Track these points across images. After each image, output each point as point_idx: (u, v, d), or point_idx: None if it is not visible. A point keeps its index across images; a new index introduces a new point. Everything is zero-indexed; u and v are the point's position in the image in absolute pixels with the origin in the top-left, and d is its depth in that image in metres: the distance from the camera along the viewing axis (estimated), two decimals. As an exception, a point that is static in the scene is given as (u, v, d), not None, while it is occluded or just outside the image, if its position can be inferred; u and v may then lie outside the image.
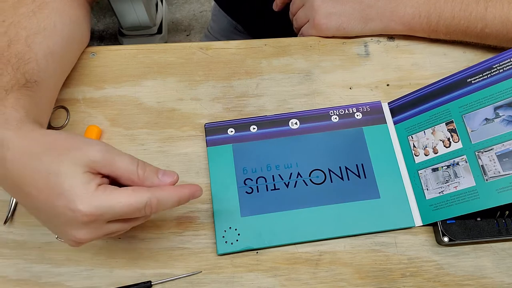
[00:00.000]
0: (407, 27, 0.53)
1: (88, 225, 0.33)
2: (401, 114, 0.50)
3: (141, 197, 0.34)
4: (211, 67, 0.54)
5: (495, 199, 0.42)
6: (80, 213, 0.32)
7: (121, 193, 0.33)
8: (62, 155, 0.33)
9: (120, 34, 1.42)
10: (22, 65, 0.40)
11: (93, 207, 0.32)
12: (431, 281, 0.44)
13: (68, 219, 0.32)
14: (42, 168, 0.32)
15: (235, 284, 0.44)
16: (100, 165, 0.33)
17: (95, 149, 0.34)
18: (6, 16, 0.42)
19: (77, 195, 0.32)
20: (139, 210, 0.34)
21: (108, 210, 0.32)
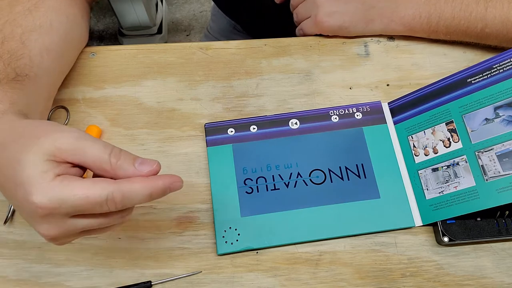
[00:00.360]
0: (408, 27, 0.53)
1: (47, 219, 0.30)
2: (401, 114, 0.50)
3: (102, 189, 0.30)
4: (211, 67, 0.54)
5: (495, 199, 0.42)
6: (35, 205, 0.29)
7: (78, 184, 0.30)
8: (29, 143, 0.31)
9: (120, 34, 1.42)
10: (14, 61, 0.40)
11: (47, 198, 0.29)
12: (431, 281, 0.44)
13: (28, 212, 0.31)
14: (9, 156, 0.31)
15: (235, 284, 0.44)
16: (68, 153, 0.31)
17: (65, 136, 0.31)
18: (2, 14, 0.42)
19: (33, 186, 0.29)
20: (99, 205, 0.30)
21: (62, 203, 0.30)
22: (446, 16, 0.51)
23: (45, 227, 0.31)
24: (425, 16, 0.51)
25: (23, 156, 0.30)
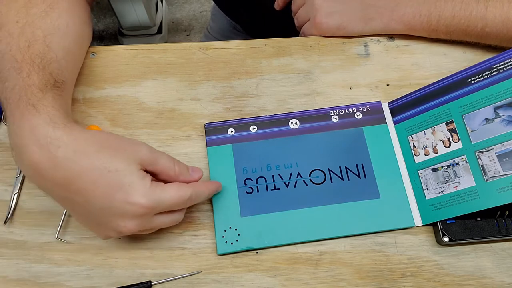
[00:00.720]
0: (407, 26, 0.53)
1: (142, 217, 0.36)
2: (401, 114, 0.50)
3: (186, 191, 0.38)
4: (211, 67, 0.54)
5: (495, 199, 0.42)
6: (139, 205, 0.35)
7: (170, 188, 0.37)
8: (118, 153, 0.36)
9: (120, 34, 1.42)
10: (47, 65, 0.41)
11: (151, 200, 0.36)
12: (431, 281, 0.44)
13: (123, 212, 0.35)
14: (100, 165, 0.35)
15: (235, 284, 0.44)
16: (147, 163, 0.37)
17: (143, 148, 0.38)
18: (19, 16, 0.42)
19: (136, 190, 0.35)
20: (184, 202, 0.38)
21: (161, 203, 0.36)
22: (446, 15, 0.51)
23: (135, 223, 0.36)
24: (425, 15, 0.51)
25: (118, 165, 0.35)
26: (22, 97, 0.38)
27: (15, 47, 0.40)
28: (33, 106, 0.37)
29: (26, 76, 0.39)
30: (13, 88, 0.38)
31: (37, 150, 0.35)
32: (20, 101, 0.37)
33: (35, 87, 0.38)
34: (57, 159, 0.35)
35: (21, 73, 0.39)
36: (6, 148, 0.49)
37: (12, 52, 0.40)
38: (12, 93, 0.38)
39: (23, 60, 0.40)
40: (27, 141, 0.35)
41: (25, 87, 0.38)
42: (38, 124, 0.36)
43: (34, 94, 0.38)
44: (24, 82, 0.38)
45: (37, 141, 0.35)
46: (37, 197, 0.47)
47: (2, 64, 0.40)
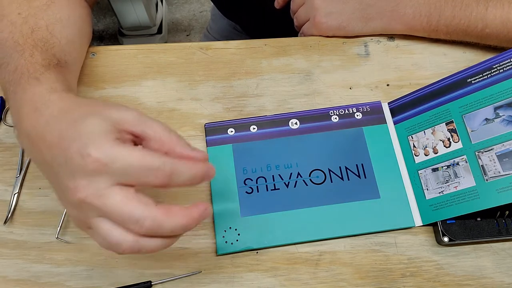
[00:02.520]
0: (407, 26, 0.53)
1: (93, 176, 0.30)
2: (401, 114, 0.50)
3: (156, 158, 0.30)
4: (211, 67, 0.54)
5: (495, 199, 0.42)
6: (90, 158, 0.29)
7: (136, 149, 0.31)
8: (95, 111, 0.32)
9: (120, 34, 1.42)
10: (50, 48, 0.41)
11: (103, 153, 0.29)
12: (431, 281, 0.44)
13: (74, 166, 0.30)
14: (72, 118, 0.32)
15: (235, 284, 0.44)
16: (131, 124, 0.32)
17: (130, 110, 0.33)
18: (22, 9, 0.42)
19: (91, 140, 0.30)
20: (150, 171, 0.30)
21: (116, 160, 0.29)
22: (446, 15, 0.51)
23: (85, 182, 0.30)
24: (425, 15, 0.51)
25: (88, 118, 0.31)
26: (24, 73, 0.37)
27: (18, 34, 0.41)
28: (36, 78, 0.37)
29: (29, 56, 0.39)
30: (15, 69, 0.38)
31: (32, 114, 0.34)
32: (22, 77, 0.37)
33: (37, 64, 0.38)
34: (42, 118, 0.33)
35: (24, 54, 0.39)
36: (6, 148, 0.49)
37: (14, 38, 0.40)
38: (14, 73, 0.38)
39: (26, 43, 0.40)
40: (27, 109, 0.34)
41: (27, 65, 0.38)
42: (38, 92, 0.35)
43: (36, 69, 0.38)
44: (27, 61, 0.38)
45: (35, 107, 0.34)
46: (37, 197, 0.47)
47: (4, 51, 0.40)
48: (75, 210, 0.31)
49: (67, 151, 0.30)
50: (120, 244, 0.31)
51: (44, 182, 0.47)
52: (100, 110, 0.32)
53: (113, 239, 0.31)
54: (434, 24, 0.52)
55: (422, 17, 0.52)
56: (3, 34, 0.41)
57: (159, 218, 0.30)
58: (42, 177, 0.47)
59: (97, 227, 0.31)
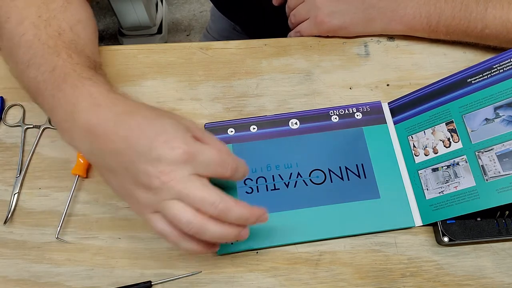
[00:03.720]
0: (408, 27, 0.53)
1: (179, 164, 0.34)
2: (401, 114, 0.50)
3: (228, 156, 0.37)
4: (211, 67, 0.54)
5: (495, 199, 0.42)
6: (179, 148, 0.34)
7: (213, 148, 0.36)
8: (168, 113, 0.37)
9: (120, 34, 1.42)
10: (82, 50, 0.42)
11: (190, 145, 0.34)
12: (431, 281, 0.44)
13: (161, 154, 0.34)
14: (147, 116, 0.35)
15: (235, 284, 0.44)
16: (195, 130, 0.37)
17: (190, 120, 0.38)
18: (41, 12, 0.43)
19: (179, 135, 0.34)
20: (224, 165, 0.36)
21: (201, 153, 0.34)
22: (446, 16, 0.51)
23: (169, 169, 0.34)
24: (425, 16, 0.51)
25: (165, 118, 0.36)
26: (69, 73, 0.38)
27: (45, 36, 0.41)
28: (89, 78, 0.38)
29: (67, 57, 0.39)
30: (53, 69, 0.39)
31: (96, 109, 0.36)
32: (67, 76, 0.38)
33: (81, 65, 0.39)
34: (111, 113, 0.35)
35: (60, 55, 0.40)
36: (6, 148, 0.49)
37: (42, 41, 0.40)
38: (52, 74, 0.38)
39: (57, 45, 0.40)
40: (86, 104, 0.36)
41: (69, 66, 0.39)
42: (97, 91, 0.37)
43: (84, 70, 0.39)
44: (67, 62, 0.39)
45: (96, 103, 0.36)
46: (37, 197, 0.47)
47: (31, 53, 0.40)
48: (149, 193, 0.34)
49: (153, 142, 0.34)
50: (191, 221, 0.34)
51: (44, 182, 0.47)
52: (170, 114, 0.37)
53: (185, 217, 0.34)
54: (434, 25, 0.52)
55: (422, 17, 0.52)
56: (26, 36, 0.41)
57: (230, 203, 0.35)
58: (42, 177, 0.47)
59: (170, 208, 0.34)
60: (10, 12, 0.42)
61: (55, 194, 0.47)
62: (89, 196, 0.47)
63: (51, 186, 0.47)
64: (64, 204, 0.46)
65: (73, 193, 0.46)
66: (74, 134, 0.37)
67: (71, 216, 0.46)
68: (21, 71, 0.41)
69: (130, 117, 0.35)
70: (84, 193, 0.47)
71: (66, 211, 0.45)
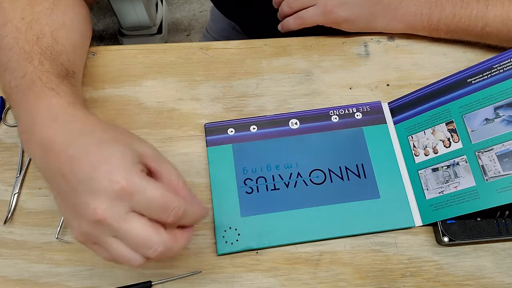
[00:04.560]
0: (408, 25, 0.53)
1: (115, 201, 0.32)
2: (401, 114, 0.50)
3: (175, 199, 0.33)
4: (211, 67, 0.54)
5: (495, 199, 0.42)
6: (117, 183, 0.31)
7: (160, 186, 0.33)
8: (122, 137, 0.34)
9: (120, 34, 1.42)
10: (57, 56, 0.41)
11: (130, 181, 0.31)
12: (431, 281, 0.44)
13: (100, 187, 0.32)
14: (99, 139, 0.33)
15: (235, 284, 0.44)
16: (151, 158, 0.35)
17: (147, 145, 0.35)
18: (25, 14, 0.42)
19: (122, 168, 0.32)
20: (166, 209, 0.33)
21: (141, 191, 0.32)
22: (446, 14, 0.51)
23: (106, 205, 0.32)
24: (426, 14, 0.51)
25: (116, 144, 0.33)
26: (36, 81, 0.37)
27: (23, 40, 0.40)
28: (52, 89, 0.37)
29: (38, 64, 0.39)
30: (24, 76, 0.38)
31: (51, 124, 0.34)
32: (34, 85, 0.37)
33: (50, 73, 0.38)
34: (64, 130, 0.34)
35: (32, 61, 0.39)
36: (6, 148, 0.49)
37: (19, 45, 0.40)
38: (23, 79, 0.38)
39: (32, 51, 0.40)
40: (43, 117, 0.35)
41: (38, 73, 0.38)
42: (57, 103, 0.36)
43: (50, 79, 0.38)
44: (37, 69, 0.39)
45: (54, 117, 0.35)
46: (37, 197, 0.47)
47: (9, 56, 0.40)
48: (88, 226, 0.33)
49: (94, 171, 0.32)
50: (131, 262, 0.33)
51: (44, 182, 0.47)
52: (124, 139, 0.34)
53: (124, 258, 0.33)
54: (435, 23, 0.52)
55: (423, 15, 0.52)
56: (7, 39, 0.41)
57: (170, 243, 0.33)
58: (42, 177, 0.47)
59: (109, 246, 0.33)
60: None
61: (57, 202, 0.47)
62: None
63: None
64: (64, 204, 0.46)
65: (73, 193, 0.46)
66: (30, 145, 0.36)
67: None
68: (0, 73, 0.41)
69: (81, 137, 0.34)
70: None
71: (66, 211, 0.45)
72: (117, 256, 0.33)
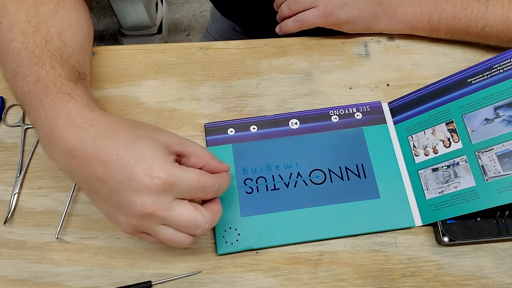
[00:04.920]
0: (409, 25, 0.53)
1: (159, 194, 0.34)
2: (401, 114, 0.50)
3: (209, 177, 0.37)
4: (211, 67, 0.54)
5: (495, 199, 0.42)
6: (158, 178, 0.34)
7: (193, 170, 0.37)
8: (146, 132, 0.36)
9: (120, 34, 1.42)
10: (67, 59, 0.41)
11: (169, 174, 0.34)
12: (431, 281, 0.44)
13: (141, 185, 0.34)
14: (127, 138, 0.35)
15: (235, 284, 0.44)
16: (175, 143, 0.37)
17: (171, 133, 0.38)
18: (30, 16, 0.42)
19: (157, 163, 0.34)
20: (204, 189, 0.37)
21: (180, 180, 0.35)
22: (447, 14, 0.51)
23: (152, 200, 0.34)
24: (426, 14, 0.51)
25: (144, 140, 0.35)
26: (50, 87, 0.38)
27: (32, 44, 0.40)
28: (67, 94, 0.37)
29: (50, 69, 0.39)
30: (37, 81, 0.38)
31: (72, 130, 0.35)
32: (48, 90, 0.37)
33: (63, 78, 0.39)
34: (88, 135, 0.35)
35: (44, 66, 0.39)
36: (6, 148, 0.49)
37: (29, 49, 0.40)
38: (36, 85, 0.38)
39: (42, 55, 0.40)
40: (63, 123, 0.35)
41: (51, 78, 0.38)
42: (74, 108, 0.36)
43: (64, 84, 0.38)
44: (49, 74, 0.39)
45: (73, 122, 0.35)
46: (37, 197, 0.47)
47: (18, 61, 0.40)
48: (137, 220, 0.35)
49: (131, 172, 0.34)
50: (183, 243, 0.37)
51: (44, 182, 0.47)
52: (149, 134, 0.36)
53: (176, 241, 0.37)
54: (435, 24, 0.52)
55: (423, 16, 0.52)
56: (14, 43, 0.40)
57: (212, 219, 0.37)
58: (42, 177, 0.47)
59: (160, 233, 0.36)
60: (1, 17, 0.42)
61: (55, 194, 0.47)
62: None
63: (51, 186, 0.47)
64: (64, 204, 0.46)
65: (73, 193, 0.46)
66: (55, 154, 0.36)
67: (71, 216, 0.46)
68: (10, 78, 0.41)
69: (108, 141, 0.35)
70: (84, 193, 0.47)
71: (66, 211, 0.45)
72: (167, 240, 0.37)
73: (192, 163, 0.38)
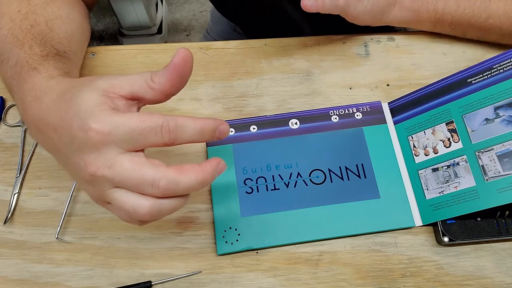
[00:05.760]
0: (416, 14, 0.52)
1: (99, 149, 0.30)
2: (401, 114, 0.50)
3: (158, 116, 0.30)
4: (211, 67, 0.54)
5: (495, 199, 0.42)
6: (90, 130, 0.29)
7: (135, 113, 0.30)
8: (86, 84, 0.32)
9: (120, 34, 1.42)
10: (49, 41, 0.41)
11: (102, 122, 0.29)
12: (431, 281, 0.44)
13: (80, 142, 0.30)
14: (68, 97, 0.32)
15: (235, 284, 0.44)
16: (118, 87, 0.31)
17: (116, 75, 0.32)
18: (21, 6, 0.43)
19: (89, 114, 0.29)
20: (153, 131, 0.30)
21: (117, 127, 0.29)
22: (451, 4, 0.51)
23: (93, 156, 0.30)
24: (432, 3, 0.52)
25: (80, 92, 0.31)
26: (24, 66, 0.37)
27: (18, 30, 0.41)
28: (34, 68, 0.37)
29: (28, 49, 0.39)
30: (16, 63, 0.38)
31: (34, 103, 0.34)
32: (22, 70, 0.37)
33: (36, 55, 0.38)
34: (43, 105, 0.33)
35: (23, 47, 0.39)
36: (6, 148, 0.49)
37: (14, 34, 0.40)
38: (15, 67, 0.38)
39: (25, 38, 0.40)
40: (29, 99, 0.35)
41: (26, 57, 0.38)
42: (38, 81, 0.35)
43: (35, 60, 0.38)
44: (26, 54, 0.38)
45: (35, 96, 0.34)
46: (37, 197, 0.47)
47: (4, 47, 0.40)
48: (90, 186, 0.31)
49: (71, 130, 0.30)
50: (138, 209, 0.30)
51: (44, 182, 0.47)
52: (88, 83, 0.31)
53: (129, 206, 0.30)
54: (440, 13, 0.52)
55: (429, 4, 0.52)
56: (2, 31, 0.41)
57: (173, 176, 0.30)
58: (42, 177, 0.47)
59: (113, 199, 0.31)
60: None
61: (55, 194, 0.47)
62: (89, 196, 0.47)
63: (51, 186, 0.47)
64: (64, 204, 0.46)
65: (73, 193, 0.46)
66: (31, 132, 0.36)
67: (71, 216, 0.46)
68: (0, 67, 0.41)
69: (55, 105, 0.32)
70: (84, 193, 0.47)
71: (66, 211, 0.45)
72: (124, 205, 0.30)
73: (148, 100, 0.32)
